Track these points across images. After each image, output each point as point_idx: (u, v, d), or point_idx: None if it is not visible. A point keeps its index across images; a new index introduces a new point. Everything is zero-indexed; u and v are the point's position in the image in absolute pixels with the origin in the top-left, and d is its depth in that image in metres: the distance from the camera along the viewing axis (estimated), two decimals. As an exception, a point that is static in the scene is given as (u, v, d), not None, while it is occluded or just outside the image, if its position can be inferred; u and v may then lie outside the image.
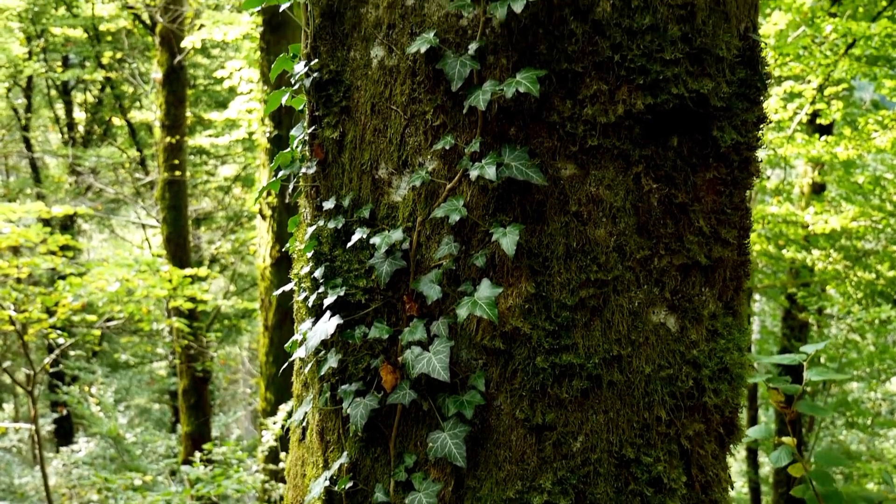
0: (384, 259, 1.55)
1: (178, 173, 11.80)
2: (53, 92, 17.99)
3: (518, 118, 1.49)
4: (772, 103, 9.79)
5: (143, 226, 16.31)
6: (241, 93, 10.10)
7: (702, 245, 1.58)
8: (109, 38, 15.46)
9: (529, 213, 1.50)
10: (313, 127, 1.68)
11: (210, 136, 15.29)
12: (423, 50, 1.48)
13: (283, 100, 1.78)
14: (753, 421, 12.96)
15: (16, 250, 11.30)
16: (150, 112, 15.77)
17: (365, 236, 1.58)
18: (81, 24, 15.39)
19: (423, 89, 1.54)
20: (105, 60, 15.39)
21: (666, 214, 1.54)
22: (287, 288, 1.82)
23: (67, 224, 15.83)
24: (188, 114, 13.87)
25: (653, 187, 1.52)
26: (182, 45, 10.44)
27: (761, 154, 1.66)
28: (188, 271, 10.35)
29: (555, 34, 1.47)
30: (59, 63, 17.20)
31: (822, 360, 13.92)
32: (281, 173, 1.79)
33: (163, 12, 11.31)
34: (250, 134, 11.00)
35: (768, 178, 13.03)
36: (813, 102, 9.23)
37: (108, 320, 11.47)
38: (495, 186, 1.49)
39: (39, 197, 16.32)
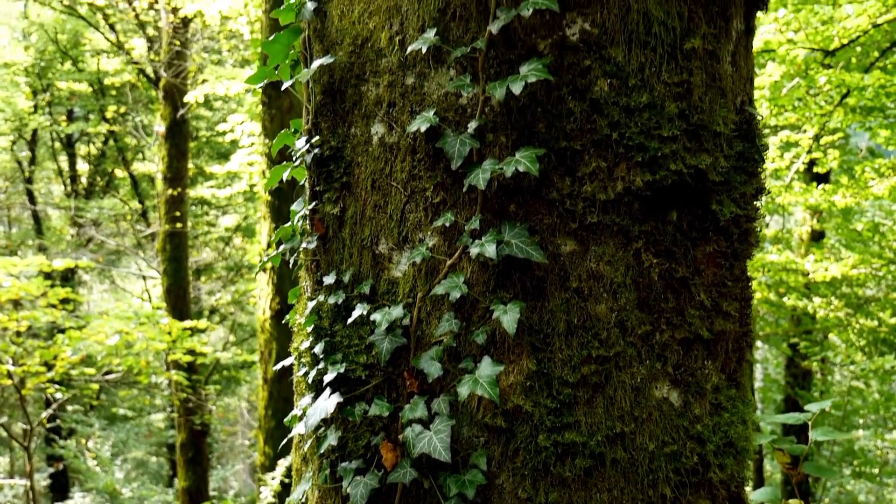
0: (384, 336, 1.55)
1: (179, 225, 11.85)
2: (57, 144, 18.16)
3: (518, 195, 1.50)
4: (769, 152, 9.87)
5: (144, 277, 16.32)
6: (242, 146, 10.19)
7: (703, 319, 1.57)
8: (114, 93, 15.66)
9: (530, 290, 1.50)
10: (314, 202, 1.69)
11: (212, 186, 15.39)
12: (423, 129, 1.50)
13: (285, 176, 1.79)
14: (759, 471, 12.78)
15: (16, 303, 11.29)
16: (152, 164, 15.90)
17: (365, 312, 1.58)
18: (87, 79, 15.61)
19: (424, 166, 1.55)
20: (109, 114, 15.57)
21: (667, 289, 1.54)
22: (286, 363, 1.81)
23: (68, 276, 15.83)
24: (190, 165, 13.98)
25: (653, 262, 1.52)
26: (185, 99, 10.58)
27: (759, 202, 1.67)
28: (188, 323, 10.32)
29: (553, 113, 1.49)
30: (64, 116, 17.39)
31: (827, 408, 13.80)
32: (282, 247, 1.79)
33: (166, 67, 11.48)
34: (251, 186, 11.06)
35: (767, 225, 13.08)
36: (809, 151, 9.31)
37: (107, 373, 11.39)
38: (496, 263, 1.49)
39: (41, 249, 16.36)
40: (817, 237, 12.09)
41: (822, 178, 11.38)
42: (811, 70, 8.02)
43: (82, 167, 18.67)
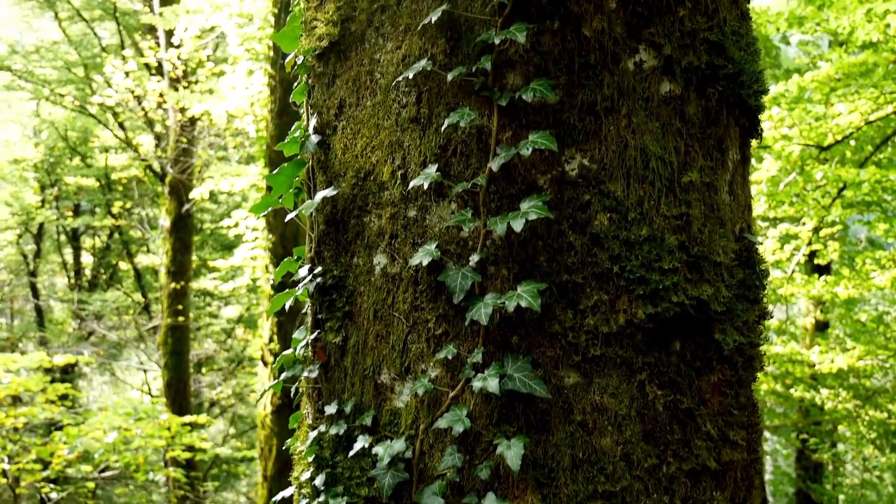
0: (387, 471, 1.52)
1: (181, 319, 11.83)
2: (63, 238, 18.33)
3: (520, 327, 1.50)
4: (769, 245, 9.93)
5: (145, 370, 16.19)
6: (246, 240, 10.28)
7: (710, 449, 1.55)
8: (121, 189, 15.90)
9: (534, 423, 1.48)
10: (317, 330, 1.69)
11: (215, 278, 15.44)
12: (424, 262, 1.51)
13: (288, 304, 1.80)
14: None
15: (15, 399, 11.16)
16: (156, 257, 16.00)
17: (367, 445, 1.56)
18: (94, 174, 15.89)
19: (426, 298, 1.56)
20: (115, 209, 15.76)
21: (672, 420, 1.52)
22: (287, 493, 1.77)
23: (68, 369, 15.71)
24: (194, 258, 14.07)
25: (658, 394, 1.51)
26: (190, 195, 10.73)
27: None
28: (187, 419, 10.18)
29: (554, 246, 1.50)
30: (71, 210, 17.62)
31: (840, 502, 13.42)
32: (283, 375, 1.78)
33: (173, 164, 11.69)
34: (254, 280, 11.10)
35: (771, 315, 13.05)
36: (809, 243, 9.36)
37: (104, 470, 11.17)
38: (499, 396, 1.48)
39: (42, 342, 16.29)
40: (822, 327, 12.03)
41: (824, 269, 11.41)
42: (807, 165, 8.15)
43: (87, 260, 18.79)
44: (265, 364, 9.20)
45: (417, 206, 1.58)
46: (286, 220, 1.77)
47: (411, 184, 1.55)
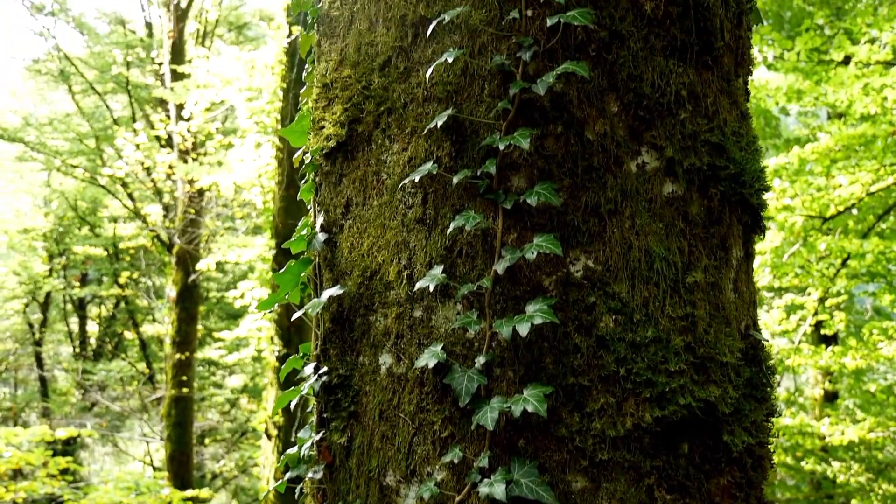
0: (392, 578, 1.49)
1: (185, 390, 11.75)
2: (69, 306, 18.36)
3: (527, 431, 1.49)
4: (775, 315, 9.89)
5: (147, 441, 16.00)
6: (251, 311, 10.28)
7: (722, 555, 1.52)
8: (128, 259, 16.00)
9: (542, 530, 1.46)
10: (322, 430, 1.68)
11: (220, 348, 15.39)
12: (430, 365, 1.51)
13: (293, 402, 1.79)
14: None
15: (17, 472, 11.01)
16: (161, 326, 15.99)
17: (372, 550, 1.53)
18: (102, 244, 16.01)
19: (432, 399, 1.55)
20: (122, 279, 15.83)
21: (682, 525, 1.49)
22: None
23: (71, 440, 15.54)
24: (199, 327, 14.05)
25: (666, 498, 1.49)
26: (197, 266, 10.78)
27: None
28: (189, 493, 10.01)
29: (560, 349, 1.50)
30: (78, 280, 17.69)
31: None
32: (288, 475, 1.76)
33: (180, 234, 11.78)
34: (259, 351, 11.06)
35: (778, 384, 12.91)
36: (815, 314, 9.32)
37: (103, 547, 10.93)
38: (505, 503, 1.46)
39: (45, 413, 16.16)
40: (831, 398, 11.88)
41: (831, 339, 11.32)
42: (810, 237, 8.18)
43: (92, 329, 18.78)
44: (269, 437, 9.09)
45: (423, 306, 1.59)
46: (293, 318, 1.77)
47: (417, 285, 1.56)
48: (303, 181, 1.89)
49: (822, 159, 8.06)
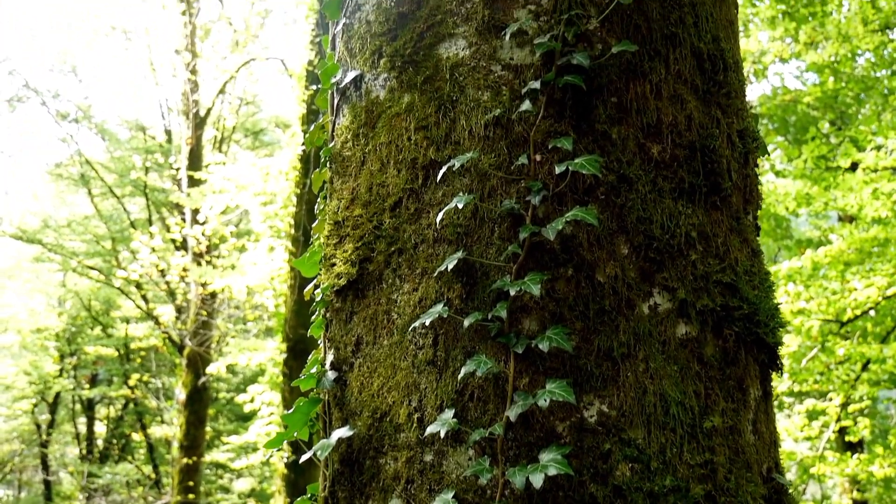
0: None
1: (191, 496, 11.49)
2: (78, 407, 18.21)
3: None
4: (796, 420, 9.66)
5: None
6: (261, 416, 10.16)
7: None
8: (139, 360, 15.96)
9: None
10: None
11: (228, 450, 15.13)
12: (441, 516, 1.46)
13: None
14: None
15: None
16: (169, 428, 15.79)
17: None
18: (114, 344, 16.02)
19: (442, 551, 1.49)
20: (132, 381, 15.75)
21: None
22: None
23: (72, 548, 15.13)
24: (207, 429, 13.85)
25: None
26: (207, 370, 10.72)
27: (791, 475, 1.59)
28: None
29: (575, 498, 1.45)
30: (88, 380, 17.62)
31: None
32: None
33: (192, 336, 11.78)
34: (268, 458, 10.85)
35: (803, 492, 12.47)
36: (838, 420, 9.10)
37: None
38: None
39: (47, 519, 15.79)
40: (860, 507, 11.46)
41: (856, 446, 11.02)
42: (828, 342, 8.07)
43: (100, 430, 18.56)
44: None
45: (434, 450, 1.55)
46: (300, 461, 1.74)
47: (428, 430, 1.53)
48: (313, 316, 1.88)
49: (836, 263, 8.05)
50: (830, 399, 9.09)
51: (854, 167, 8.03)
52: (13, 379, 16.93)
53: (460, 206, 1.55)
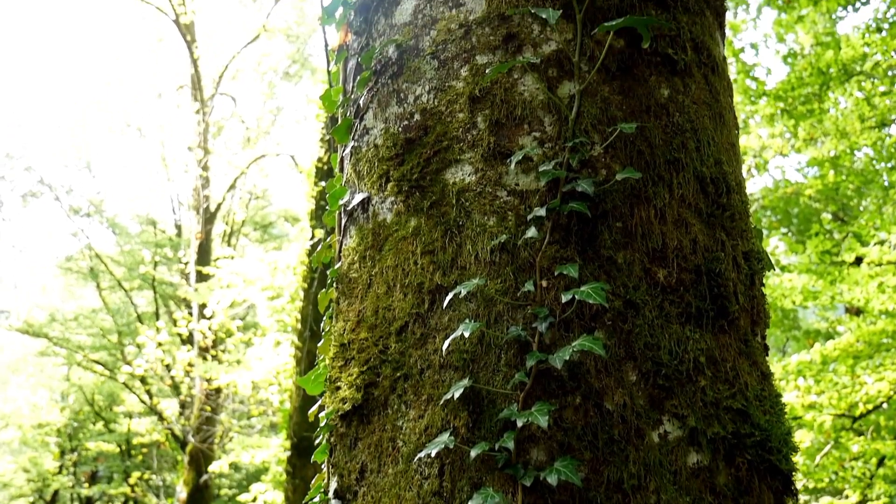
0: None
1: None
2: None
3: None
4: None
5: None
6: (263, 518, 9.89)
7: None
8: (140, 458, 15.70)
9: None
10: None
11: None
12: None
13: None
14: None
15: None
16: (169, 527, 15.36)
17: None
18: (116, 440, 15.78)
19: None
20: (132, 480, 15.44)
21: None
22: None
23: None
24: (208, 528, 13.46)
25: None
26: (210, 468, 10.52)
27: None
28: None
29: None
30: (88, 477, 17.27)
31: None
32: None
33: (195, 432, 11.61)
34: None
35: None
36: (857, 520, 8.81)
37: None
38: None
39: None
40: None
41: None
42: (841, 437, 7.91)
43: (98, 528, 18.05)
44: None
45: (440, 587, 1.50)
46: None
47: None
48: (317, 441, 1.85)
49: (846, 356, 7.96)
50: (847, 497, 8.84)
51: (859, 261, 8.05)
52: (11, 476, 16.62)
53: (466, 334, 1.54)
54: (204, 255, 12.50)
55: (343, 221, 1.96)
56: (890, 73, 9.18)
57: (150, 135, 15.81)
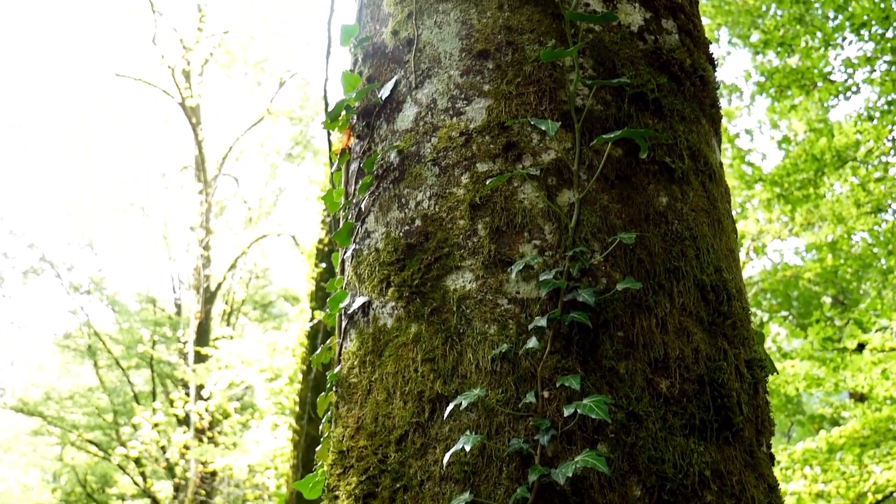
0: None
1: None
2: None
3: None
4: None
5: None
6: None
7: None
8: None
9: None
10: None
11: None
12: None
13: None
14: None
15: None
16: None
17: None
18: (105, 524, 15.39)
19: None
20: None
21: None
22: None
23: None
24: None
25: None
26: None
27: None
28: None
29: None
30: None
31: None
32: None
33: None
34: None
35: None
36: None
37: None
38: None
39: None
40: None
41: None
42: (853, 530, 7.71)
43: None
44: None
45: None
46: None
47: None
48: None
49: (852, 445, 7.83)
50: (861, 592, 8.55)
51: (861, 348, 8.01)
52: (-2, 561, 16.13)
53: (468, 448, 1.52)
54: (203, 335, 12.44)
55: (343, 324, 1.95)
56: (883, 160, 9.33)
57: (154, 214, 15.96)
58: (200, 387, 11.23)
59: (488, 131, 1.85)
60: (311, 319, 9.92)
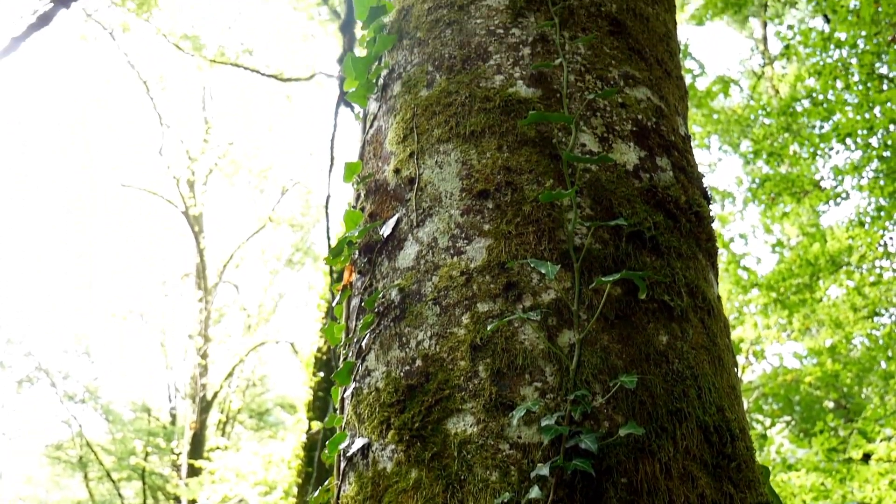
0: None
1: None
2: None
3: None
4: None
5: None
6: None
7: None
8: None
9: None
10: None
11: None
12: None
13: None
14: None
15: None
16: None
17: None
18: None
19: None
20: None
21: None
22: None
23: None
24: None
25: None
26: None
27: None
28: None
29: None
30: None
31: None
32: None
33: None
34: None
35: None
36: None
37: None
38: None
39: None
40: None
41: None
42: None
43: None
44: None
45: None
46: None
47: None
48: None
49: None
50: None
51: (867, 458, 7.86)
52: None
53: None
54: (197, 446, 12.19)
55: (342, 466, 1.93)
56: (877, 264, 9.41)
57: (153, 321, 15.92)
58: (193, 501, 10.91)
59: (489, 271, 1.87)
60: (308, 430, 9.75)
